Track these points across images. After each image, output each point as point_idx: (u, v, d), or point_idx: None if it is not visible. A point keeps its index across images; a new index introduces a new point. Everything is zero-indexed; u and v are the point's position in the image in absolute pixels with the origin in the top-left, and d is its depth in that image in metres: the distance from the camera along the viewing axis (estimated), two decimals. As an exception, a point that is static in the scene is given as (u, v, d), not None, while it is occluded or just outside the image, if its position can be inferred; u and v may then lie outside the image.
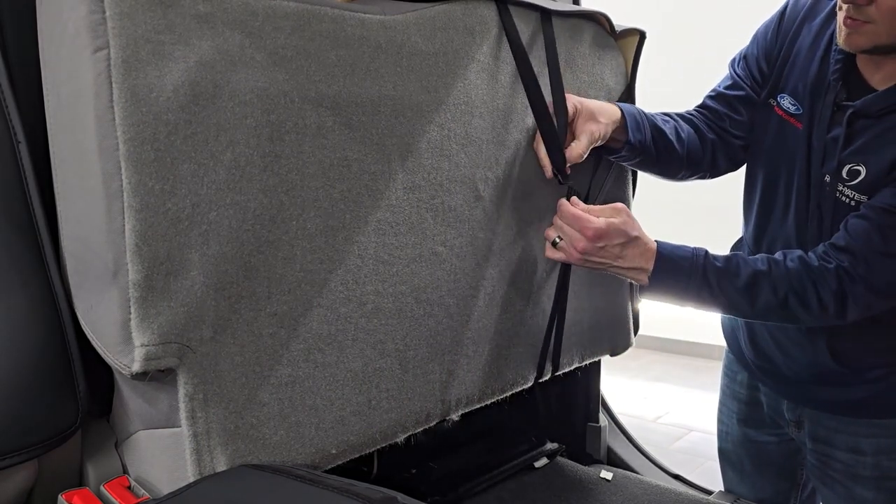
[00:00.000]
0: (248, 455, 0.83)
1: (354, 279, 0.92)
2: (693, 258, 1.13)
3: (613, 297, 1.37)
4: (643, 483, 1.41)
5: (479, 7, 1.06)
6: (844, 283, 1.09)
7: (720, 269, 1.13)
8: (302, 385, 0.88)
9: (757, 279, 1.12)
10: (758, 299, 1.12)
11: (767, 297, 1.12)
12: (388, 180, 0.95)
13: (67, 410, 0.83)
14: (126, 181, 0.72)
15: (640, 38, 1.31)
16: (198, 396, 0.79)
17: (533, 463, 1.43)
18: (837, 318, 1.12)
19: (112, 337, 0.76)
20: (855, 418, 1.24)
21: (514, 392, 1.20)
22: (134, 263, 0.73)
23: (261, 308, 0.83)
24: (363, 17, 0.92)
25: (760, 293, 1.12)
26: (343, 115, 0.89)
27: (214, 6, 0.77)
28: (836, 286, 1.09)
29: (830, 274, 1.09)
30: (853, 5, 1.02)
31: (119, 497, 0.85)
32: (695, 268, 1.12)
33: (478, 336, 1.10)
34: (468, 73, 1.04)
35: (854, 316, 1.11)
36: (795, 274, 1.11)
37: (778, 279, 1.11)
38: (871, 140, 1.13)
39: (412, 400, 1.01)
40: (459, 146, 1.04)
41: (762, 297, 1.12)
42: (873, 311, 1.13)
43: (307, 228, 0.87)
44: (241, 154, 0.80)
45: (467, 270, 1.07)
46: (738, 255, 1.16)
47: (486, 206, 1.09)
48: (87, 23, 0.70)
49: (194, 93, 0.76)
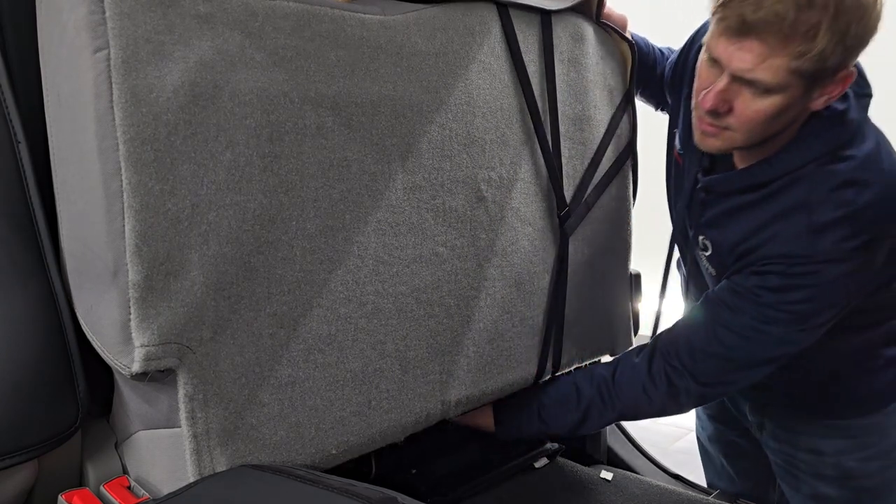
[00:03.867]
0: (248, 455, 0.83)
1: (354, 280, 0.92)
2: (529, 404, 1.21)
3: (613, 297, 1.37)
4: (643, 483, 1.41)
5: (479, 7, 1.06)
6: (675, 381, 1.11)
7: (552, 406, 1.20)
8: (302, 385, 0.88)
9: (588, 412, 1.18)
10: (593, 424, 1.20)
11: (601, 421, 1.19)
12: (389, 181, 0.95)
13: (67, 411, 0.83)
14: (126, 181, 0.72)
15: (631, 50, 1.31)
16: (198, 397, 0.78)
17: (533, 463, 1.43)
18: (677, 411, 1.16)
19: (112, 337, 0.76)
20: (812, 419, 1.25)
21: (514, 392, 1.20)
22: (134, 264, 0.73)
23: (260, 308, 0.83)
24: (363, 18, 0.91)
25: (592, 421, 1.19)
26: (343, 115, 0.89)
27: (214, 6, 0.77)
28: (666, 386, 1.12)
29: (659, 377, 1.12)
30: (712, 114, 0.99)
31: (119, 497, 0.85)
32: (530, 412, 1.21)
33: (478, 336, 1.10)
34: (469, 72, 1.04)
35: (691, 407, 1.17)
36: (627, 391, 1.15)
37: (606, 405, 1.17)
38: (717, 216, 1.12)
39: (412, 400, 1.01)
40: (461, 146, 1.04)
41: (595, 423, 1.19)
42: (710, 401, 1.20)
43: (307, 229, 0.87)
44: (241, 154, 0.80)
45: (468, 271, 1.07)
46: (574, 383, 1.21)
47: (489, 206, 1.09)
48: (87, 23, 0.70)
49: (194, 93, 0.76)
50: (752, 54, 0.92)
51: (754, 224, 1.06)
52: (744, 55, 0.92)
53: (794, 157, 1.03)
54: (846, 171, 1.00)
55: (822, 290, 1.01)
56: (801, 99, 0.96)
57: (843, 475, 1.24)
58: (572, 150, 1.22)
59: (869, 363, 1.19)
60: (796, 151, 1.03)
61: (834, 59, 0.91)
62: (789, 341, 1.06)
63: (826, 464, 1.25)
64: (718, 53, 0.95)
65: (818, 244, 0.99)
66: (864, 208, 0.99)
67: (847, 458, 1.23)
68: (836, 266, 1.00)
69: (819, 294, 1.02)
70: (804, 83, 0.94)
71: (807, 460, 1.27)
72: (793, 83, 0.93)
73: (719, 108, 0.98)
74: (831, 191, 1.00)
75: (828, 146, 1.02)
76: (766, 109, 0.96)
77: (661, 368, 1.12)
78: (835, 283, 1.01)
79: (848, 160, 1.01)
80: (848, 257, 0.99)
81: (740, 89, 0.96)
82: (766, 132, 1.00)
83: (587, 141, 1.24)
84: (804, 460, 1.27)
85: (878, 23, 0.93)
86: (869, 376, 1.19)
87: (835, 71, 0.94)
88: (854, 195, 0.99)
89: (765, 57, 0.91)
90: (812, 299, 1.02)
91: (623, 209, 1.35)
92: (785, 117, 0.98)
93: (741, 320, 1.05)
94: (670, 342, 1.13)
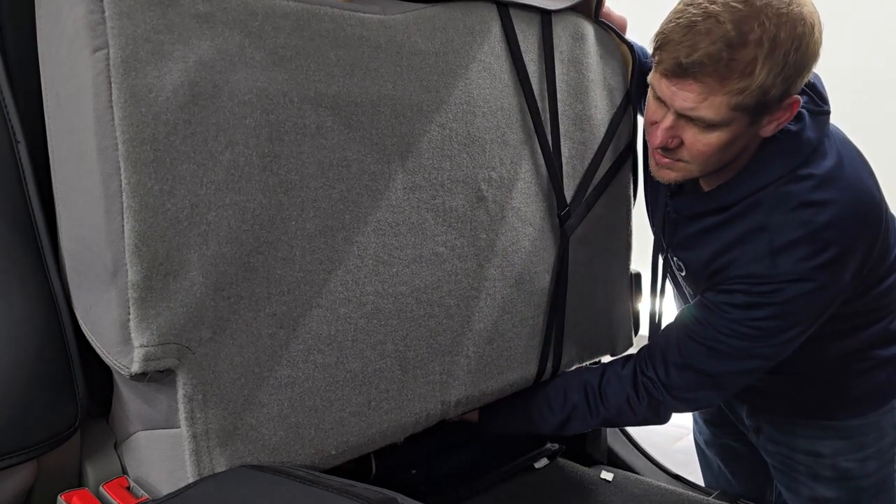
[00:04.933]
0: (248, 456, 0.83)
1: (354, 280, 0.92)
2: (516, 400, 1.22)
3: (614, 297, 1.36)
4: (644, 483, 1.41)
5: (479, 6, 1.06)
6: (652, 392, 1.14)
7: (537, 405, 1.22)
8: (301, 386, 0.87)
9: (571, 415, 1.20)
10: (575, 427, 1.21)
11: (584, 425, 1.21)
12: (388, 180, 0.95)
13: (66, 411, 0.83)
14: (125, 181, 0.72)
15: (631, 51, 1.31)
16: (197, 397, 0.78)
17: (533, 463, 1.43)
18: (658, 422, 1.18)
19: (111, 337, 0.76)
20: (809, 421, 1.26)
21: (514, 392, 1.20)
22: (133, 264, 0.73)
23: (260, 309, 0.83)
24: (363, 17, 0.91)
25: (575, 424, 1.21)
26: (343, 115, 0.89)
27: (214, 6, 0.77)
28: (647, 399, 1.14)
29: (641, 389, 1.15)
30: (663, 149, 1.02)
31: (118, 497, 0.84)
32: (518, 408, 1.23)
33: (478, 336, 1.09)
34: (469, 72, 1.04)
35: (670, 416, 1.18)
36: (612, 400, 1.17)
37: (591, 411, 1.19)
38: (688, 238, 1.14)
39: (412, 400, 1.01)
40: (462, 146, 1.04)
41: (578, 426, 1.21)
42: (690, 410, 1.21)
43: (306, 229, 0.86)
44: (241, 154, 0.80)
45: (468, 271, 1.07)
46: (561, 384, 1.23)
47: (489, 206, 1.09)
48: (87, 22, 0.70)
49: (193, 93, 0.75)
50: (693, 94, 0.93)
51: (719, 246, 1.08)
52: (685, 94, 0.94)
53: (752, 180, 1.04)
54: (804, 192, 1.01)
55: (785, 308, 1.03)
56: (749, 129, 0.98)
57: (840, 476, 1.24)
58: (573, 149, 1.21)
59: (863, 364, 1.19)
60: (754, 175, 1.04)
61: (776, 90, 0.93)
62: (757, 356, 1.08)
63: (824, 465, 1.25)
64: (661, 93, 0.98)
65: (779, 264, 1.01)
66: (822, 228, 1.00)
67: (844, 458, 1.24)
68: (798, 285, 1.01)
69: (783, 312, 1.03)
70: (748, 116, 0.95)
71: (804, 462, 1.27)
72: (736, 117, 0.95)
73: (668, 144, 1.00)
74: (790, 211, 1.01)
75: (785, 167, 1.03)
76: (714, 142, 0.98)
77: (640, 382, 1.15)
78: (798, 302, 1.02)
79: (806, 180, 1.02)
80: (810, 276, 1.00)
81: (686, 125, 0.98)
82: (721, 161, 1.02)
83: (587, 141, 1.24)
84: (802, 462, 1.27)
85: (818, 48, 0.94)
86: (864, 377, 1.20)
87: (779, 100, 0.95)
88: (812, 215, 1.00)
89: (705, 96, 0.93)
90: (777, 316, 1.04)
91: (623, 209, 1.34)
92: (735, 147, 1.00)
93: (709, 333, 1.08)
94: (648, 355, 1.16)
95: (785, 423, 1.29)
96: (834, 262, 1.00)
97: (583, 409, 1.19)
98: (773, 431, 1.31)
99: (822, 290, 1.02)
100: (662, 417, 1.17)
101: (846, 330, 1.16)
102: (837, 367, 1.20)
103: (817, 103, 1.06)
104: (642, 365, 1.15)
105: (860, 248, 1.03)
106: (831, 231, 1.00)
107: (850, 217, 1.01)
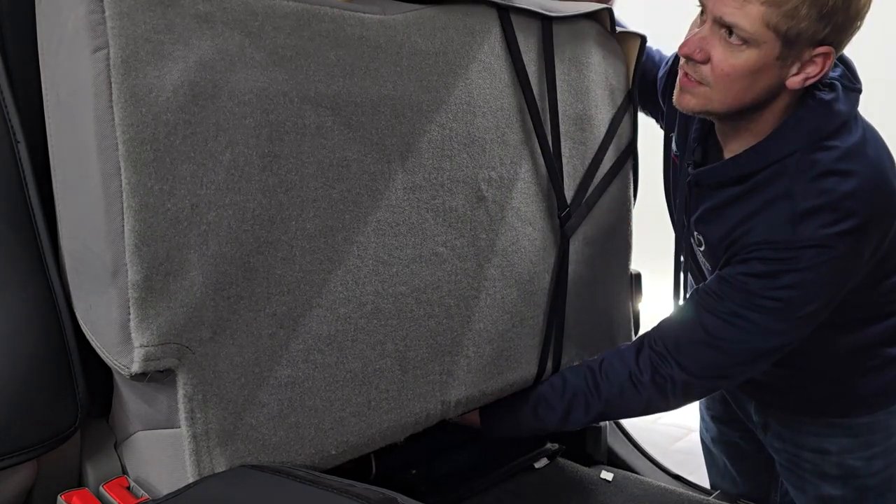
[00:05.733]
0: (248, 456, 0.83)
1: (354, 280, 0.92)
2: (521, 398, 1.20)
3: (614, 297, 1.37)
4: (644, 484, 1.41)
5: (479, 7, 1.06)
6: (658, 366, 1.11)
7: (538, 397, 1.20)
8: (301, 386, 0.87)
9: (572, 402, 1.17)
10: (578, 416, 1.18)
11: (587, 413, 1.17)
12: (388, 180, 0.95)
13: (66, 411, 0.83)
14: (125, 181, 0.72)
15: (641, 42, 1.31)
16: (197, 397, 0.78)
17: (533, 463, 1.43)
18: (665, 405, 1.14)
19: (111, 337, 0.76)
20: (816, 418, 1.25)
21: (514, 392, 1.20)
22: (133, 264, 0.73)
23: (260, 308, 0.83)
24: (363, 17, 0.91)
25: (577, 412, 1.17)
26: (342, 115, 0.89)
27: (214, 6, 0.77)
28: (650, 374, 1.11)
29: (646, 362, 1.11)
30: (690, 61, 1.02)
31: (118, 497, 0.84)
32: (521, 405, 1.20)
33: (478, 336, 1.09)
34: (469, 72, 1.04)
35: (678, 401, 1.14)
36: (613, 378, 1.14)
37: (592, 393, 1.15)
38: (708, 211, 1.13)
39: (412, 400, 1.01)
40: (462, 146, 1.04)
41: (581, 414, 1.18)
42: (697, 396, 1.17)
43: (306, 229, 0.86)
44: (241, 154, 0.80)
45: (468, 271, 1.07)
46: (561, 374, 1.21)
47: (489, 206, 1.09)
48: (87, 22, 0.70)
49: (193, 93, 0.75)
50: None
51: (740, 216, 1.07)
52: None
53: (779, 144, 1.04)
54: (829, 161, 1.01)
55: (805, 276, 1.01)
56: (776, 63, 0.97)
57: (847, 474, 1.24)
58: (573, 149, 1.21)
59: (872, 361, 1.19)
60: (782, 139, 1.04)
61: (808, 24, 0.93)
62: (774, 332, 1.06)
63: (830, 463, 1.25)
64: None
65: (799, 231, 1.00)
66: (844, 197, 0.99)
67: (851, 456, 1.23)
68: (817, 252, 1.00)
69: (802, 281, 1.02)
70: (779, 44, 0.95)
71: (811, 460, 1.27)
72: (768, 38, 0.95)
73: (695, 54, 1.00)
74: (813, 179, 1.01)
75: (813, 135, 1.02)
76: (741, 65, 0.97)
77: (647, 356, 1.12)
78: (817, 270, 1.01)
79: (831, 150, 1.02)
80: (829, 243, 1.00)
81: (718, 41, 0.98)
82: (741, 96, 1.01)
83: (588, 141, 1.24)
84: (808, 460, 1.27)
85: (863, 10, 0.95)
86: (873, 374, 1.19)
87: (810, 41, 0.95)
88: (835, 184, 1.00)
89: (744, 2, 0.94)
90: (796, 286, 1.02)
91: (623, 209, 1.34)
92: (760, 82, 1.00)
93: (727, 306, 1.06)
94: (657, 330, 1.14)
95: (792, 420, 1.28)
96: (854, 231, 1.00)
97: (583, 391, 1.16)
98: (780, 428, 1.30)
99: (841, 260, 1.01)
100: (670, 399, 1.12)
101: (856, 323, 1.16)
102: (847, 364, 1.19)
103: (851, 80, 1.06)
104: (650, 340, 1.13)
105: (880, 224, 1.03)
106: (854, 201, 1.00)
107: (872, 189, 1.01)
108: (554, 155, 1.17)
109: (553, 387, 1.20)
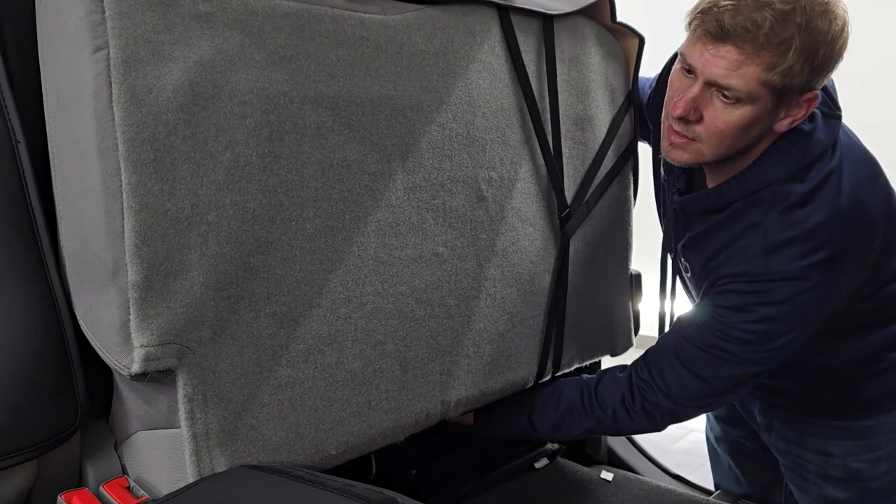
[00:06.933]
0: (248, 456, 0.83)
1: (354, 280, 0.92)
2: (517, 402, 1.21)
3: (614, 297, 1.36)
4: (644, 483, 1.41)
5: (479, 7, 1.06)
6: (647, 395, 1.13)
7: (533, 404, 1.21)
8: (301, 386, 0.87)
9: (566, 415, 1.19)
10: (569, 429, 1.20)
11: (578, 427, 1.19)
12: (388, 181, 0.95)
13: (66, 411, 0.83)
14: (125, 181, 0.72)
15: (639, 43, 1.31)
16: (197, 397, 0.78)
17: (533, 463, 1.43)
18: (654, 427, 1.16)
19: (111, 337, 0.76)
20: (821, 421, 1.26)
21: (514, 392, 1.20)
22: (133, 264, 0.73)
23: (260, 309, 0.83)
24: (363, 17, 0.91)
25: (569, 426, 1.19)
26: (343, 115, 0.89)
27: (214, 6, 0.77)
28: (640, 402, 1.13)
29: (636, 391, 1.13)
30: (682, 121, 1.01)
31: (118, 497, 0.84)
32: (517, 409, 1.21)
33: (478, 337, 1.10)
34: (469, 72, 1.04)
35: (669, 423, 1.16)
36: (608, 400, 1.16)
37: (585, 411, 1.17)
38: (693, 238, 1.14)
39: (412, 401, 1.01)
40: (462, 146, 1.04)
41: (573, 428, 1.19)
42: (685, 418, 1.17)
43: (307, 229, 0.86)
44: (241, 154, 0.80)
45: (469, 271, 1.07)
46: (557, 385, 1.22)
47: (489, 206, 1.09)
48: (87, 23, 0.70)
49: (194, 93, 0.75)
50: (726, 60, 0.94)
51: (718, 244, 1.08)
52: (718, 61, 0.95)
53: (759, 175, 1.04)
54: (800, 192, 1.02)
55: (779, 309, 1.02)
56: (769, 115, 0.98)
57: (850, 476, 1.24)
58: (573, 150, 1.21)
59: (878, 366, 1.19)
60: (762, 170, 1.04)
61: (801, 79, 0.94)
62: (753, 362, 1.07)
63: (834, 465, 1.25)
64: (693, 60, 0.98)
65: (772, 263, 1.01)
66: (816, 228, 1.00)
67: (855, 459, 1.23)
68: (791, 284, 1.01)
69: (777, 314, 1.03)
70: (772, 98, 0.96)
71: (815, 462, 1.27)
72: (762, 95, 0.96)
73: (689, 115, 1.00)
74: (784, 211, 1.02)
75: (792, 166, 1.03)
76: (735, 121, 0.98)
77: (635, 384, 1.14)
78: (792, 302, 1.02)
79: (804, 182, 1.02)
80: (803, 275, 1.00)
81: (712, 98, 0.98)
82: (733, 147, 1.02)
83: (588, 141, 1.24)
84: (812, 462, 1.27)
85: (843, 52, 0.96)
86: (878, 378, 1.19)
87: (801, 91, 0.96)
88: (805, 215, 1.01)
89: (739, 64, 0.94)
90: (773, 318, 1.03)
91: (624, 210, 1.34)
92: (751, 133, 1.00)
93: (705, 338, 1.07)
94: (644, 359, 1.16)
95: (797, 422, 1.28)
96: (828, 261, 1.00)
97: (577, 407, 1.18)
98: (784, 430, 1.31)
99: (816, 290, 1.01)
100: (659, 424, 1.15)
101: (859, 328, 1.16)
102: (851, 369, 1.20)
103: (830, 107, 1.07)
104: (638, 369, 1.15)
105: (856, 251, 1.03)
106: (826, 231, 1.00)
107: (846, 217, 1.01)
108: (554, 155, 1.17)
109: (548, 397, 1.21)
